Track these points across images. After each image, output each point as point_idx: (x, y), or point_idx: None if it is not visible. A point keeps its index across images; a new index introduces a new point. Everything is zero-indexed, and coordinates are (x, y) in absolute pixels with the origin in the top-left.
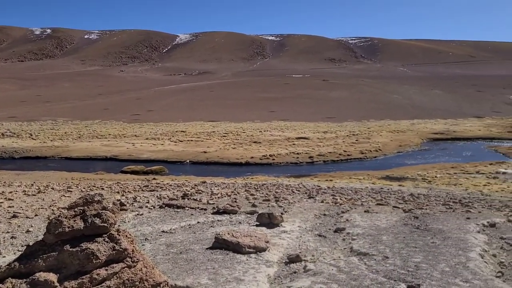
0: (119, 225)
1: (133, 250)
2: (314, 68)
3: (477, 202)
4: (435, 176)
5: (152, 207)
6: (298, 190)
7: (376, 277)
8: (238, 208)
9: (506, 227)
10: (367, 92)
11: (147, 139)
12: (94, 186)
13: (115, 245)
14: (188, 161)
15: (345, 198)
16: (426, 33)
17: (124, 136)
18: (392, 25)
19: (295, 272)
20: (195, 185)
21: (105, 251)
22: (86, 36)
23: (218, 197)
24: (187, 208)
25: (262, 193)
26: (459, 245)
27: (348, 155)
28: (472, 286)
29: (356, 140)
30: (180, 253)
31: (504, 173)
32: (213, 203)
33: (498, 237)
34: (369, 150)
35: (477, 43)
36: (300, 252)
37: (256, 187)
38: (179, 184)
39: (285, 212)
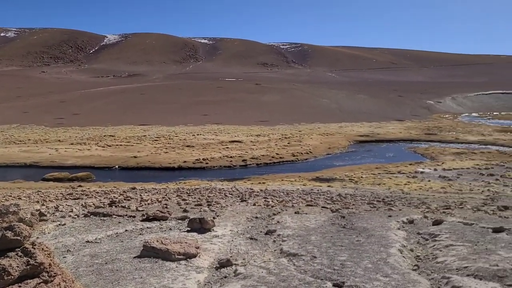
0: (37, 237)
1: (50, 264)
2: (247, 72)
3: (398, 200)
4: (361, 177)
5: (76, 216)
6: (231, 194)
7: (304, 277)
8: (169, 214)
9: (422, 223)
10: (298, 96)
11: (72, 144)
12: (10, 196)
13: (29, 259)
14: (117, 166)
15: (277, 200)
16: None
17: (46, 141)
18: (321, 32)
19: (225, 277)
20: (124, 191)
21: (18, 267)
22: (2, 34)
23: (148, 203)
24: (115, 216)
25: (195, 197)
26: (381, 242)
27: (280, 157)
28: (391, 280)
29: (288, 143)
30: (106, 263)
31: (421, 172)
32: (142, 210)
33: (415, 233)
34: (300, 153)
35: (397, 51)
36: (231, 256)
37: (188, 192)
38: (106, 191)
39: (217, 216)
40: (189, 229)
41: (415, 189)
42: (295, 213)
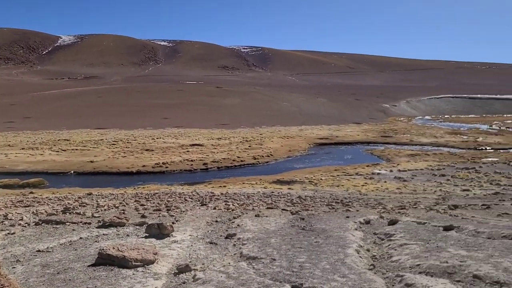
0: None
1: None
2: (207, 75)
3: (356, 201)
4: (321, 179)
5: (26, 225)
6: (191, 198)
7: (263, 280)
8: (126, 220)
9: (378, 223)
10: (259, 100)
11: (23, 149)
12: None
13: None
14: (72, 172)
15: (238, 204)
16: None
17: None
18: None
19: (184, 283)
20: (79, 197)
21: None
22: None
23: (105, 209)
24: (68, 223)
25: (153, 202)
26: (339, 242)
27: (241, 161)
28: (348, 280)
29: (249, 146)
30: (58, 273)
31: (378, 173)
32: (98, 216)
33: (372, 233)
34: (261, 156)
35: (355, 56)
36: (190, 262)
37: (147, 197)
38: (60, 198)
39: (177, 221)
40: (147, 235)
41: (372, 190)
42: (256, 216)
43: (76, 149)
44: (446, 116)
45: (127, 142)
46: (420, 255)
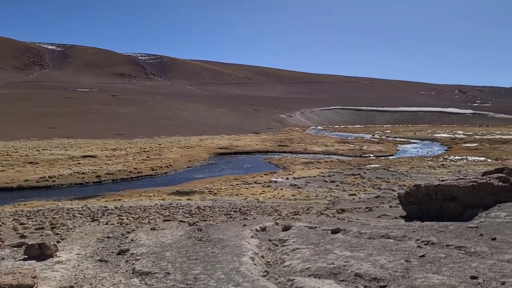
0: None
1: None
2: (102, 82)
3: (254, 209)
4: (220, 188)
5: None
6: (81, 214)
7: None
8: (2, 241)
9: (273, 229)
10: (157, 109)
11: None
12: None
13: None
14: None
15: (133, 217)
16: (211, 56)
17: None
18: (180, 45)
19: None
20: None
21: None
22: None
23: None
24: None
25: (36, 220)
26: (234, 251)
27: (138, 172)
28: None
29: (147, 156)
30: None
31: (275, 181)
32: None
33: (267, 239)
34: (160, 166)
35: (253, 68)
36: (75, 283)
37: (28, 215)
38: None
39: (62, 239)
40: (26, 257)
41: (269, 197)
42: (151, 229)
43: None
44: (336, 126)
45: (7, 155)
46: (310, 259)
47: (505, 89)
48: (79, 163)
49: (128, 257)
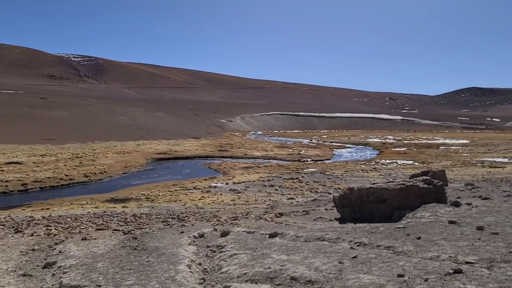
0: None
1: None
2: (29, 84)
3: (192, 216)
4: (158, 195)
5: None
6: (3, 225)
7: None
8: None
9: (212, 235)
10: (92, 112)
11: None
12: None
13: None
14: None
15: (62, 228)
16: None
17: None
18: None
19: None
20: None
21: None
22: None
23: None
24: None
25: None
26: (171, 259)
27: (70, 179)
28: None
29: (80, 162)
30: None
31: (215, 186)
32: None
33: (205, 246)
34: (93, 173)
35: (193, 72)
36: None
37: None
38: None
39: None
40: None
41: (208, 203)
42: (82, 239)
43: None
44: (275, 131)
45: None
46: (247, 264)
47: (429, 97)
48: (2, 170)
49: (55, 270)
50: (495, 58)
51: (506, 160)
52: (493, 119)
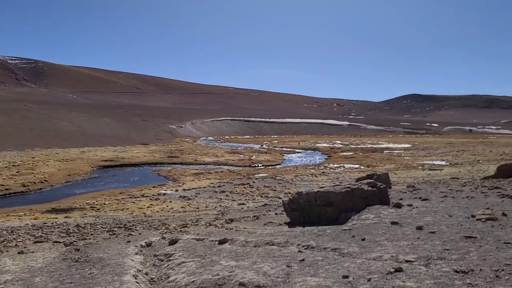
0: None
1: None
2: None
3: (140, 224)
4: (104, 203)
5: None
6: None
7: None
8: None
9: (160, 244)
10: (31, 118)
11: None
12: None
13: None
14: None
15: None
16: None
17: None
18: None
19: None
20: None
21: None
22: None
23: None
24: None
25: None
26: (116, 270)
27: (6, 189)
28: None
29: (18, 171)
30: None
31: (164, 194)
32: None
33: (152, 255)
34: (33, 182)
35: (142, 77)
36: None
37: None
38: None
39: None
40: None
41: (157, 211)
42: (19, 253)
43: None
44: (226, 137)
45: None
46: (196, 271)
47: (374, 103)
48: None
49: None
50: (434, 66)
51: (443, 162)
52: (432, 124)
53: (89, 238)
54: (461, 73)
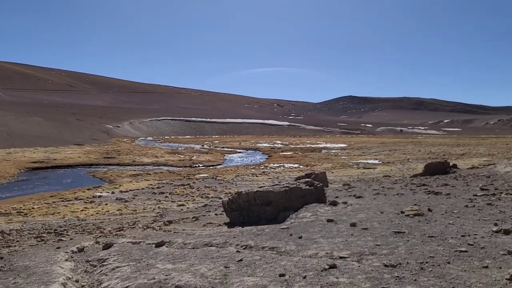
0: None
1: None
2: None
3: (72, 229)
4: (33, 208)
5: None
6: None
7: None
8: None
9: (93, 249)
10: None
11: None
12: None
13: None
14: None
15: None
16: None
17: None
18: None
19: None
20: None
21: None
22: None
23: None
24: None
25: None
26: (42, 279)
27: None
28: None
29: None
30: None
31: (99, 196)
32: None
33: (84, 261)
34: None
35: (76, 74)
36: None
37: None
38: None
39: None
40: None
41: (92, 214)
42: None
43: None
44: (166, 137)
45: None
46: (131, 276)
47: (313, 104)
48: None
49: None
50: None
51: (377, 161)
52: (367, 125)
53: (14, 245)
54: (393, 76)
